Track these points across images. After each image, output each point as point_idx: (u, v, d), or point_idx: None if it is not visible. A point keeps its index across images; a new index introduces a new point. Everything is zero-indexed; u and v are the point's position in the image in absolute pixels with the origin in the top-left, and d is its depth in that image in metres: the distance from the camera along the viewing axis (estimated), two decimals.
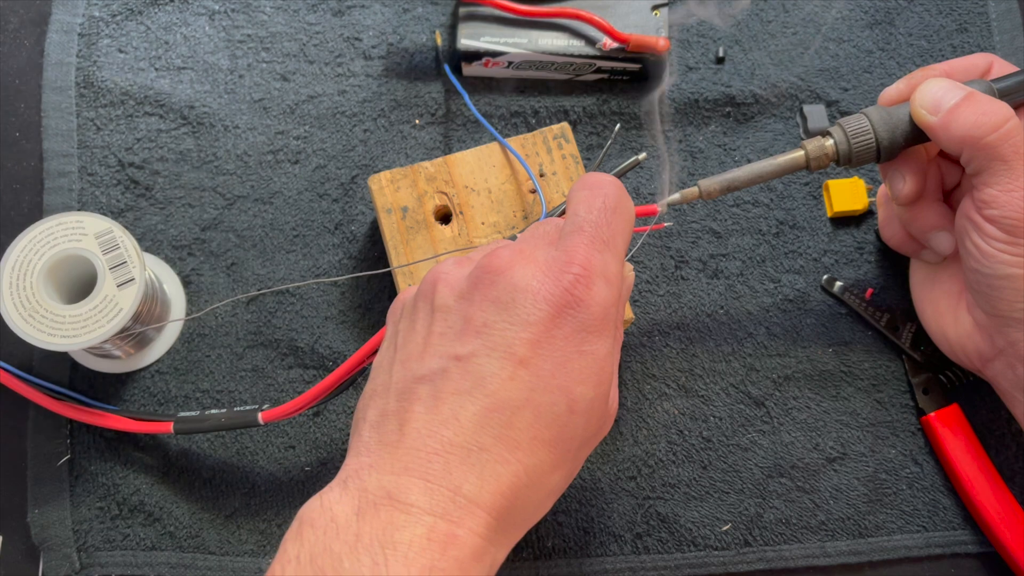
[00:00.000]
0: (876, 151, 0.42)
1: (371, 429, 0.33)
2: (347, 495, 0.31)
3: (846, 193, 0.51)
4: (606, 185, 0.36)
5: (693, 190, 0.42)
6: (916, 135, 0.42)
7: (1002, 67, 0.43)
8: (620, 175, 0.45)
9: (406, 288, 0.39)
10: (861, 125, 0.42)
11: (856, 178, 0.52)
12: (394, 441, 0.32)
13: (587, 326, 0.33)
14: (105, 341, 0.43)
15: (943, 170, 0.45)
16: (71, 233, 0.44)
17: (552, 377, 0.32)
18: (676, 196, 0.42)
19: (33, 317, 0.42)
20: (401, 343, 0.35)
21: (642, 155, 0.44)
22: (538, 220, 0.44)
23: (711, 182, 0.42)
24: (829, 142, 0.42)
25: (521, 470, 0.32)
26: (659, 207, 0.43)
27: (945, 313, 0.46)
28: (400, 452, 0.32)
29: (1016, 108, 0.41)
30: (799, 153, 0.43)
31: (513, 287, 0.33)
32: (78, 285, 0.46)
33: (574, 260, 0.33)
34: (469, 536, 0.30)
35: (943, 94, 0.40)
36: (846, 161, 0.43)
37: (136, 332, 0.46)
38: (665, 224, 0.46)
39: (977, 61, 0.43)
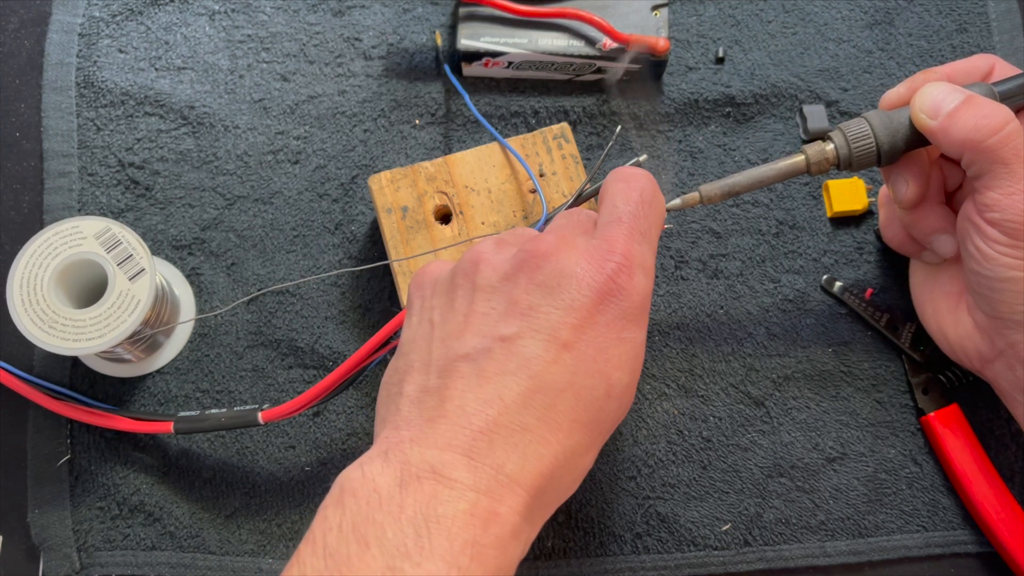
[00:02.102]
0: (877, 155, 0.42)
1: (411, 404, 0.34)
2: (389, 467, 0.31)
3: (846, 193, 0.51)
4: (641, 178, 0.37)
5: (694, 195, 0.42)
6: (917, 139, 0.42)
7: (1004, 69, 0.43)
8: None
9: (431, 264, 0.39)
10: (861, 129, 0.42)
11: (856, 178, 0.52)
12: (436, 417, 0.33)
13: (627, 314, 0.34)
14: (129, 337, 0.43)
15: (945, 172, 0.45)
16: (70, 239, 0.44)
17: (593, 362, 0.33)
18: (677, 201, 0.42)
19: (53, 328, 0.43)
20: (439, 320, 0.36)
21: (643, 156, 0.44)
22: (540, 220, 0.44)
23: (712, 187, 0.42)
24: (830, 147, 0.42)
25: (560, 451, 0.33)
26: None
27: (945, 314, 0.46)
28: (443, 428, 0.32)
29: (1017, 111, 0.41)
30: (800, 158, 0.43)
31: (559, 272, 0.34)
32: (88, 290, 0.46)
33: (615, 249, 0.34)
34: (509, 514, 0.31)
35: (943, 98, 0.40)
36: (847, 166, 0.43)
37: (148, 336, 0.46)
38: (666, 226, 0.46)
39: (979, 63, 0.43)
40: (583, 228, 0.37)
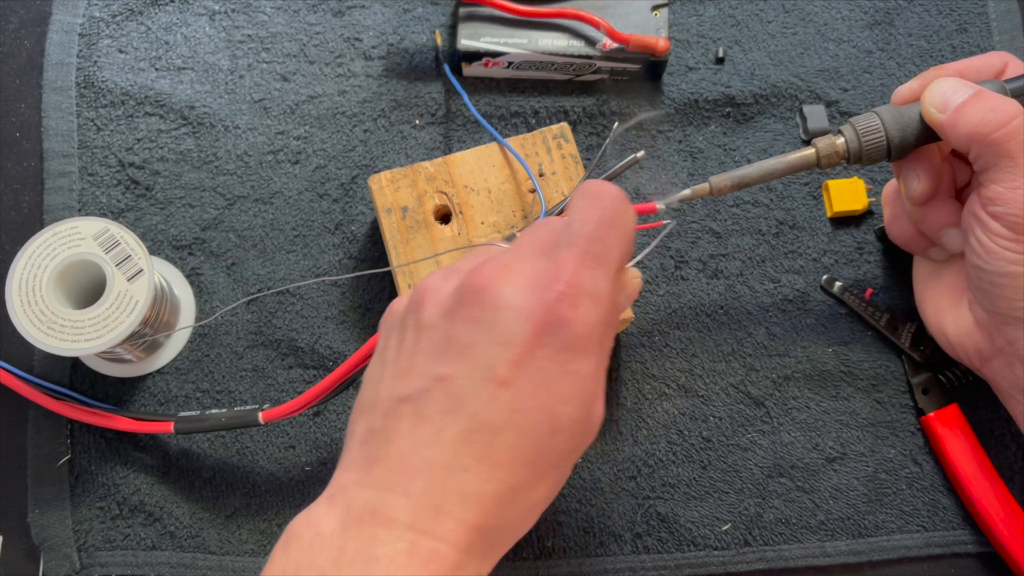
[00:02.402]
0: (887, 150, 0.42)
1: (359, 445, 0.34)
2: (333, 510, 0.32)
3: (846, 193, 0.51)
4: (606, 196, 0.35)
5: (704, 186, 0.42)
6: (927, 134, 0.42)
7: (1017, 66, 0.43)
8: (618, 174, 0.45)
9: (401, 296, 0.39)
10: (872, 124, 0.42)
11: (856, 178, 0.52)
12: (379, 458, 0.32)
13: (571, 345, 0.32)
14: (128, 338, 0.43)
15: (955, 168, 0.45)
16: (68, 240, 0.44)
17: (534, 398, 0.32)
18: (687, 192, 0.42)
19: (52, 328, 0.43)
20: (390, 359, 0.35)
21: (640, 153, 0.44)
22: (538, 219, 0.44)
23: (722, 178, 0.42)
24: (840, 140, 0.42)
25: (502, 488, 0.32)
26: (660, 205, 0.43)
27: (946, 310, 0.46)
28: (383, 469, 0.32)
29: None
30: (810, 151, 0.43)
31: (495, 305, 0.32)
32: (87, 291, 0.46)
33: (561, 276, 0.32)
34: (450, 552, 0.31)
35: (952, 92, 0.40)
36: (856, 159, 0.43)
37: (148, 336, 0.46)
38: (665, 222, 0.46)
39: (992, 60, 0.43)
40: (541, 248, 0.35)
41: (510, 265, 0.34)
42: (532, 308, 0.32)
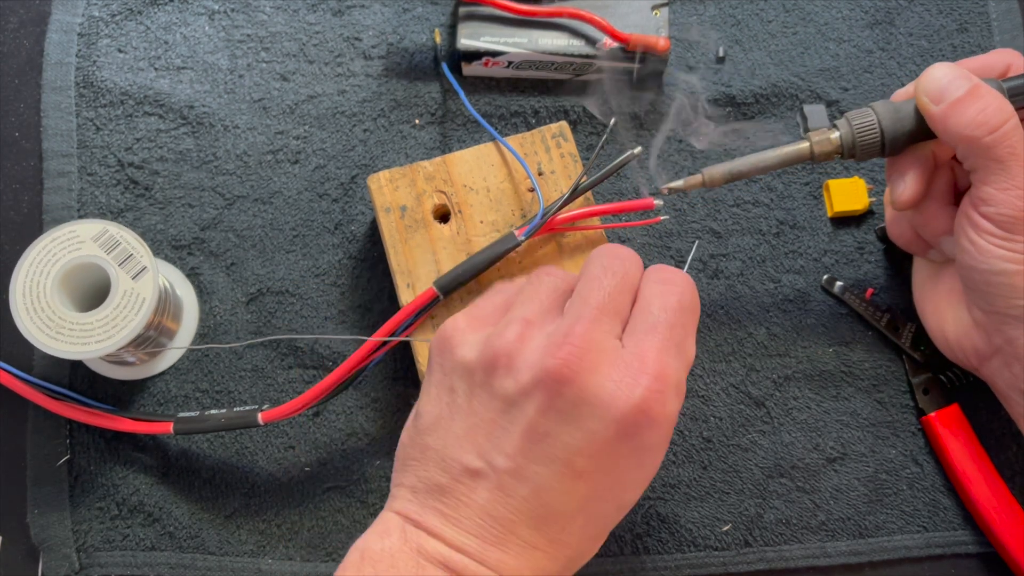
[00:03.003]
0: (881, 144, 0.42)
1: (427, 491, 0.34)
2: (406, 548, 0.33)
3: (847, 193, 0.51)
4: (681, 282, 0.35)
5: (697, 177, 0.43)
6: (922, 129, 0.42)
7: (1020, 65, 0.43)
8: (615, 171, 0.45)
9: (456, 322, 0.38)
10: (867, 118, 0.42)
11: (856, 178, 0.52)
12: (451, 517, 0.33)
13: (652, 445, 0.33)
14: (136, 339, 0.43)
15: (957, 174, 0.45)
16: (68, 244, 0.44)
17: (608, 490, 0.33)
18: (679, 182, 0.42)
19: (61, 333, 0.42)
20: (460, 408, 0.35)
21: (637, 149, 0.44)
22: (535, 217, 0.44)
23: (715, 170, 0.43)
24: (834, 134, 0.43)
25: (567, 561, 0.34)
26: (657, 201, 0.43)
27: (945, 311, 0.45)
28: (455, 530, 0.33)
29: (1020, 109, 0.41)
30: (804, 144, 0.43)
31: (581, 399, 0.32)
32: (91, 293, 0.46)
33: (646, 368, 0.32)
34: None
35: (947, 83, 0.40)
36: (850, 154, 0.43)
37: (154, 338, 0.46)
38: (662, 217, 0.46)
39: (995, 60, 0.43)
40: (614, 313, 0.34)
41: (592, 345, 0.33)
42: (620, 406, 0.32)
